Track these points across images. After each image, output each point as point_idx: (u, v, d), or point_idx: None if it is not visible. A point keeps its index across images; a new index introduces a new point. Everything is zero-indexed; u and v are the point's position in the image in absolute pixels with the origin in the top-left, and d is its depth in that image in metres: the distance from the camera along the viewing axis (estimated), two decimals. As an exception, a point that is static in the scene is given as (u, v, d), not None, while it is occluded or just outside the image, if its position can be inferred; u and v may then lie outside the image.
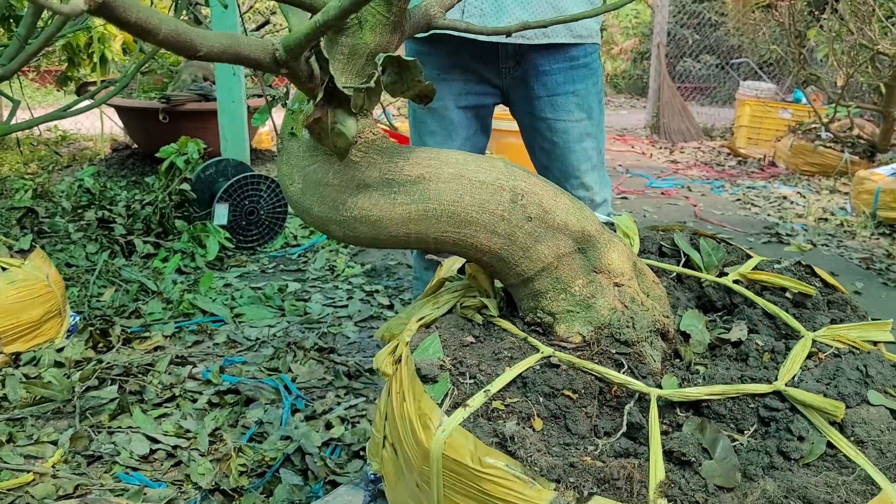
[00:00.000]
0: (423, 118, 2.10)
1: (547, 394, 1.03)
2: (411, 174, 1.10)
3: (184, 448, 1.89)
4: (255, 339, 2.58)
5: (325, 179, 1.10)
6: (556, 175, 2.09)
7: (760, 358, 1.15)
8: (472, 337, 1.15)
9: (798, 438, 0.99)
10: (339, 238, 1.16)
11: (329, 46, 1.05)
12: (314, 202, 1.12)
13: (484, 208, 1.09)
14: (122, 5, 0.68)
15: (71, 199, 3.91)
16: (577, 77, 2.01)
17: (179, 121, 4.48)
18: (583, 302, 1.14)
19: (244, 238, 3.61)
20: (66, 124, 6.57)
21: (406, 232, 1.11)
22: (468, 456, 0.93)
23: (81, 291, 2.87)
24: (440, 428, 0.97)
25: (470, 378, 1.05)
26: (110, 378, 2.19)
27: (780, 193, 5.44)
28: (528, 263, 1.13)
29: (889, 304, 3.19)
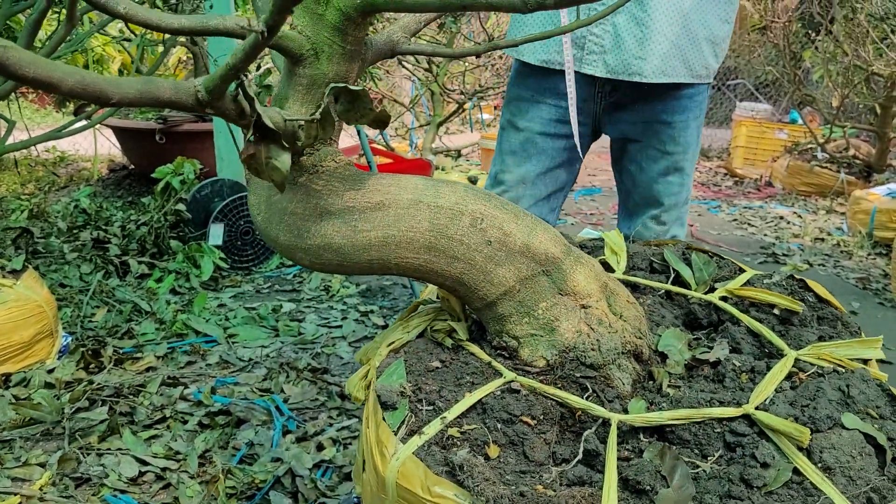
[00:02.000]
0: (509, 136, 2.03)
1: (505, 420, 1.02)
2: (371, 201, 1.11)
3: (173, 470, 1.87)
4: (248, 359, 2.57)
5: (290, 208, 1.12)
6: (635, 200, 2.02)
7: (738, 378, 1.12)
8: (438, 361, 1.14)
9: (762, 465, 0.95)
10: (306, 265, 1.17)
11: (287, 78, 1.07)
12: (280, 231, 1.14)
13: (442, 233, 1.10)
14: (16, 62, 0.68)
15: (66, 220, 3.90)
16: (678, 108, 1.90)
17: (176, 141, 4.48)
18: (546, 325, 1.12)
19: (239, 258, 3.61)
20: (64, 145, 6.60)
21: (369, 258, 1.12)
22: (418, 485, 0.93)
23: (74, 312, 2.85)
24: (394, 456, 0.96)
25: (428, 405, 1.04)
26: (101, 399, 2.17)
27: (777, 213, 5.45)
28: (490, 287, 1.12)
29: (885, 323, 3.18)
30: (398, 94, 8.03)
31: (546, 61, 1.88)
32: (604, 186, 6.27)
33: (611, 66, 1.81)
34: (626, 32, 1.79)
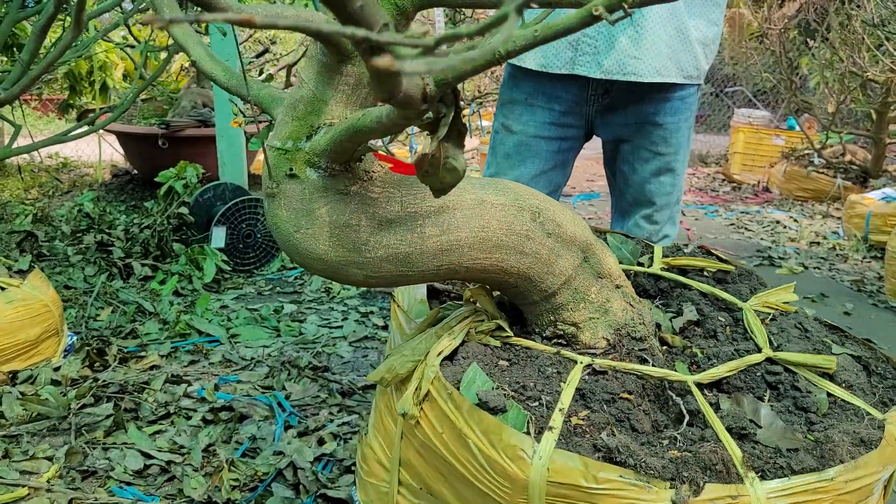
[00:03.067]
0: (504, 139, 2.05)
1: (607, 400, 1.06)
2: (434, 204, 1.07)
3: (177, 463, 1.91)
4: (251, 358, 2.61)
5: (342, 220, 1.04)
6: (628, 200, 2.05)
7: (726, 332, 1.25)
8: (504, 361, 1.14)
9: (806, 394, 1.12)
10: (357, 282, 1.09)
11: (328, 77, 1.03)
12: (330, 247, 1.05)
13: (511, 230, 1.10)
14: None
15: (70, 224, 3.95)
16: (669, 110, 1.93)
17: (179, 146, 4.54)
18: (601, 307, 1.19)
19: (241, 261, 3.65)
20: (67, 151, 6.65)
21: (437, 265, 1.08)
22: (579, 476, 0.92)
23: (79, 312, 2.90)
24: (536, 455, 0.95)
25: (535, 401, 1.04)
26: (106, 396, 2.22)
27: (774, 218, 5.50)
28: (552, 279, 1.15)
29: (878, 324, 3.23)
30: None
31: (544, 65, 1.91)
32: (602, 192, 6.32)
33: (605, 67, 1.84)
34: (621, 32, 1.82)
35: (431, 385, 1.07)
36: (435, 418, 1.05)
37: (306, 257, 1.07)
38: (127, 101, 3.05)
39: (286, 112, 1.06)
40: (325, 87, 1.03)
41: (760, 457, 0.98)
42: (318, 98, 1.04)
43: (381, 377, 1.15)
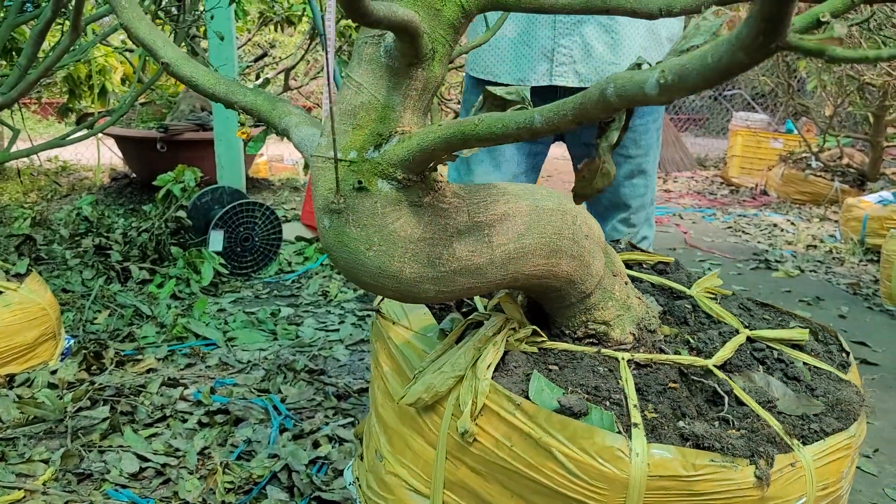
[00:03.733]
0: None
1: (659, 391, 1.11)
2: (497, 212, 1.05)
3: (173, 466, 1.92)
4: (247, 361, 2.62)
5: (417, 234, 1.00)
6: (603, 205, 2.06)
7: (692, 318, 1.33)
8: (553, 365, 1.14)
9: (790, 364, 1.22)
10: (428, 298, 1.05)
11: (395, 83, 0.98)
12: (405, 263, 1.00)
13: (562, 234, 1.11)
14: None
15: (69, 227, 3.97)
16: (637, 112, 1.95)
17: (177, 150, 4.55)
18: (625, 304, 1.23)
19: (239, 264, 3.66)
20: (66, 155, 6.67)
21: (504, 274, 1.06)
22: (679, 466, 0.96)
23: (77, 315, 2.91)
24: (633, 453, 0.97)
25: (605, 400, 1.06)
26: (102, 399, 2.23)
27: (771, 221, 5.51)
28: (590, 280, 1.17)
29: (873, 327, 3.24)
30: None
31: (521, 79, 1.92)
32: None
33: (582, 75, 1.85)
34: (596, 40, 1.83)
35: (487, 399, 1.05)
36: (498, 432, 1.03)
37: (379, 277, 1.00)
38: (125, 104, 3.07)
39: (341, 120, 1.00)
40: (391, 92, 0.98)
41: (794, 425, 1.07)
42: (384, 105, 0.98)
43: (418, 398, 1.09)
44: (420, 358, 1.18)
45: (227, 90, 1.15)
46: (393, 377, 1.25)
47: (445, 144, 0.91)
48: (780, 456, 0.99)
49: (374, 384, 1.34)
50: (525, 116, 0.82)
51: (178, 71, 1.15)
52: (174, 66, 1.15)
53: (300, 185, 5.69)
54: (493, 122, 0.85)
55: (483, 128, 0.86)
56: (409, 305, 1.31)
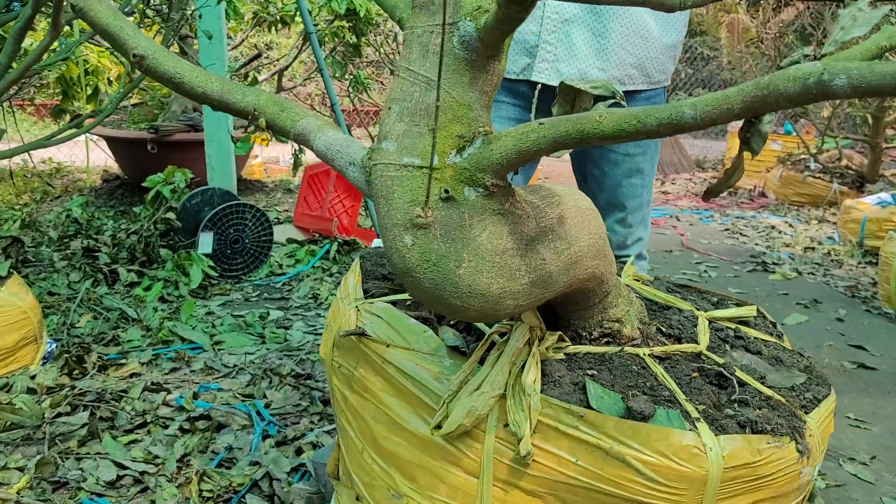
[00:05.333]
0: None
1: (687, 382, 1.13)
2: (554, 215, 1.01)
3: (151, 474, 1.87)
4: (233, 366, 2.57)
5: (500, 246, 0.93)
6: (600, 205, 2.01)
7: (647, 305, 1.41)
8: (591, 370, 1.12)
9: (745, 339, 1.29)
10: (506, 314, 0.97)
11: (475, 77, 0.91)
12: (492, 278, 0.93)
13: (601, 234, 1.10)
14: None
15: (58, 229, 3.92)
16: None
17: (168, 151, 4.51)
18: (628, 299, 1.23)
19: (229, 267, 3.62)
20: (60, 156, 6.62)
21: (566, 280, 1.02)
22: (748, 454, 1.00)
23: (61, 319, 2.86)
24: (709, 448, 0.98)
25: (660, 398, 1.07)
26: (82, 404, 2.18)
27: (769, 223, 5.46)
28: (612, 278, 1.17)
29: (871, 330, 3.19)
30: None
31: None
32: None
33: (564, 74, 1.83)
34: (582, 42, 1.81)
35: (541, 414, 1.00)
36: (560, 448, 0.99)
37: (468, 297, 0.91)
38: (111, 104, 3.02)
39: (410, 121, 0.91)
40: (467, 89, 0.91)
41: (791, 397, 1.15)
42: (460, 102, 0.91)
43: (459, 425, 1.01)
44: (438, 381, 1.08)
45: (221, 89, 1.01)
46: (400, 406, 1.13)
47: (553, 145, 0.85)
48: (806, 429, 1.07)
49: (362, 415, 1.21)
50: (672, 111, 0.75)
51: (156, 66, 0.99)
52: (151, 61, 0.99)
53: (293, 187, 5.65)
54: (624, 118, 0.78)
55: (609, 125, 0.79)
56: (396, 323, 1.19)
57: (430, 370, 1.10)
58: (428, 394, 1.09)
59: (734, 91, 0.71)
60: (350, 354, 1.23)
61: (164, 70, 0.99)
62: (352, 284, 1.36)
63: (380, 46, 6.00)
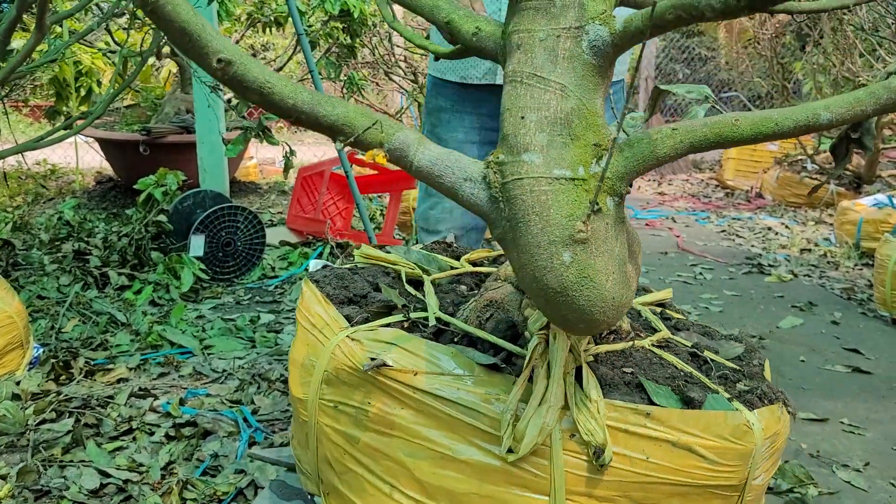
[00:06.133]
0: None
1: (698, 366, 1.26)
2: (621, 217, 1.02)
3: (135, 482, 1.85)
4: (222, 371, 2.54)
5: (624, 254, 0.95)
6: None
7: None
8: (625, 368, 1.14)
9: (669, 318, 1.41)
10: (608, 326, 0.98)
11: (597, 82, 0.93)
12: (625, 289, 0.94)
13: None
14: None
15: (50, 232, 3.89)
16: None
17: (160, 153, 4.48)
18: None
19: (221, 270, 3.59)
20: (55, 158, 6.59)
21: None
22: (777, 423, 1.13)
23: (49, 323, 2.84)
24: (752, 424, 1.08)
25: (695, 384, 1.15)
26: (68, 411, 2.15)
27: (766, 224, 5.44)
28: None
29: (866, 333, 3.16)
30: (388, 106, 8.04)
31: (464, 77, 1.97)
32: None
33: None
34: None
35: (608, 419, 1.02)
36: (630, 448, 1.01)
37: (611, 310, 0.90)
38: (101, 105, 3.00)
39: (552, 131, 0.89)
40: (592, 94, 0.91)
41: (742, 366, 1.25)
42: (591, 110, 0.90)
43: (534, 444, 0.99)
44: (489, 403, 1.03)
45: (311, 101, 0.91)
46: (444, 436, 1.06)
47: (690, 149, 0.88)
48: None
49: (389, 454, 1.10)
50: (808, 113, 0.81)
51: (244, 74, 0.86)
52: (239, 67, 0.86)
53: (288, 189, 5.62)
54: (762, 121, 0.83)
55: (747, 128, 0.83)
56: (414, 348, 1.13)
57: (476, 392, 1.05)
58: (478, 418, 1.03)
59: (865, 94, 0.78)
60: (355, 390, 1.14)
61: (253, 79, 0.87)
62: (323, 313, 1.26)
63: (375, 48, 5.97)
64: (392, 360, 1.10)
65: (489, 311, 1.27)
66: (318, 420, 1.19)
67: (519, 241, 0.90)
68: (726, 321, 3.22)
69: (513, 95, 0.91)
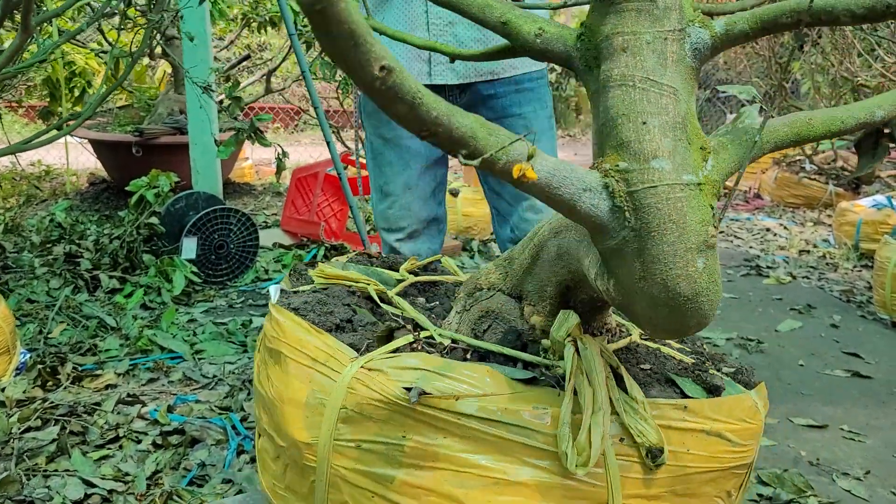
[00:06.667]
0: (381, 149, 2.11)
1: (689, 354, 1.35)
2: None
3: (120, 492, 1.81)
4: (213, 376, 2.50)
5: None
6: (507, 199, 2.12)
7: None
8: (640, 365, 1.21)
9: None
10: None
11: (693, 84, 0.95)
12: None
13: None
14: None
15: (41, 234, 3.85)
16: (524, 100, 2.04)
17: (153, 154, 4.44)
18: None
19: (213, 272, 3.55)
20: (50, 159, 6.55)
21: None
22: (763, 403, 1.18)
23: (38, 328, 2.79)
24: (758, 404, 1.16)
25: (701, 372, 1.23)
26: (53, 418, 2.11)
27: (764, 225, 5.40)
28: None
29: (866, 337, 3.13)
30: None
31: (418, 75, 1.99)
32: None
33: (460, 73, 1.97)
34: (468, 38, 1.94)
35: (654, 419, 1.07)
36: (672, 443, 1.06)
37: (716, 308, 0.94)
38: (91, 105, 2.96)
39: (674, 136, 0.89)
40: (692, 97, 0.93)
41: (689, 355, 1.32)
42: (691, 112, 0.92)
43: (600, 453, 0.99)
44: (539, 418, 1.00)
45: (448, 112, 0.84)
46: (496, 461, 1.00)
47: (773, 147, 0.96)
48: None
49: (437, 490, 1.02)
50: (866, 111, 0.88)
51: (401, 84, 0.76)
52: (398, 76, 0.76)
53: (283, 190, 5.58)
54: (830, 119, 0.90)
55: (819, 127, 0.91)
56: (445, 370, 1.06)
57: (524, 409, 1.01)
58: (531, 436, 0.99)
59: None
60: (385, 425, 1.04)
61: (407, 89, 0.80)
62: (320, 344, 1.15)
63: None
64: (431, 386, 1.02)
65: (486, 322, 1.22)
66: (331, 464, 1.08)
67: (650, 250, 0.88)
68: (724, 324, 3.18)
69: (626, 100, 0.90)
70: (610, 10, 0.91)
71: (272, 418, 1.21)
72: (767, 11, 0.86)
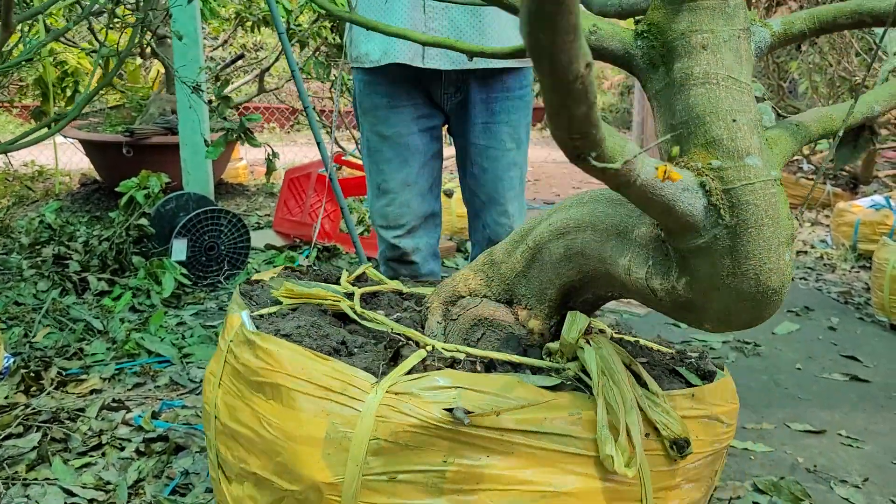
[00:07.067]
0: (379, 146, 2.10)
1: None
2: None
3: (100, 502, 1.76)
4: (200, 380, 2.46)
5: None
6: (482, 199, 2.13)
7: None
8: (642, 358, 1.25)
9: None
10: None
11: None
12: None
13: None
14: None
15: (30, 235, 3.80)
16: (512, 108, 2.07)
17: (144, 154, 4.40)
18: None
19: (204, 274, 3.51)
20: (43, 159, 6.50)
21: None
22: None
23: (23, 331, 2.75)
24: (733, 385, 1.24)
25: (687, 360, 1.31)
26: (35, 425, 2.07)
27: (761, 226, 5.37)
28: None
29: (864, 339, 3.09)
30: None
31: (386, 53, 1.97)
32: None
33: (453, 58, 1.94)
34: (466, 24, 1.93)
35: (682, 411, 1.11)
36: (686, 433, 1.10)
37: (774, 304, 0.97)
38: (78, 105, 2.91)
39: (758, 133, 0.93)
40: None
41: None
42: (757, 108, 0.98)
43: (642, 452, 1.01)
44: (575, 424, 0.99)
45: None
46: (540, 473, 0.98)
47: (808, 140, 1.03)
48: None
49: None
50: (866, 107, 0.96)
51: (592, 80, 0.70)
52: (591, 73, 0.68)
53: (276, 191, 5.53)
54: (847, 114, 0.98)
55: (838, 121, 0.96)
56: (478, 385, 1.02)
57: (561, 416, 0.98)
58: (570, 443, 0.98)
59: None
60: (424, 452, 0.98)
61: (594, 89, 0.75)
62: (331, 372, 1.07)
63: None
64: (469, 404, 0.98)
65: (479, 331, 1.18)
66: (359, 502, 1.00)
67: (745, 246, 0.91)
68: (721, 327, 3.14)
69: (711, 98, 0.91)
70: (682, 7, 0.92)
71: (273, 461, 1.08)
72: (825, 12, 0.88)
